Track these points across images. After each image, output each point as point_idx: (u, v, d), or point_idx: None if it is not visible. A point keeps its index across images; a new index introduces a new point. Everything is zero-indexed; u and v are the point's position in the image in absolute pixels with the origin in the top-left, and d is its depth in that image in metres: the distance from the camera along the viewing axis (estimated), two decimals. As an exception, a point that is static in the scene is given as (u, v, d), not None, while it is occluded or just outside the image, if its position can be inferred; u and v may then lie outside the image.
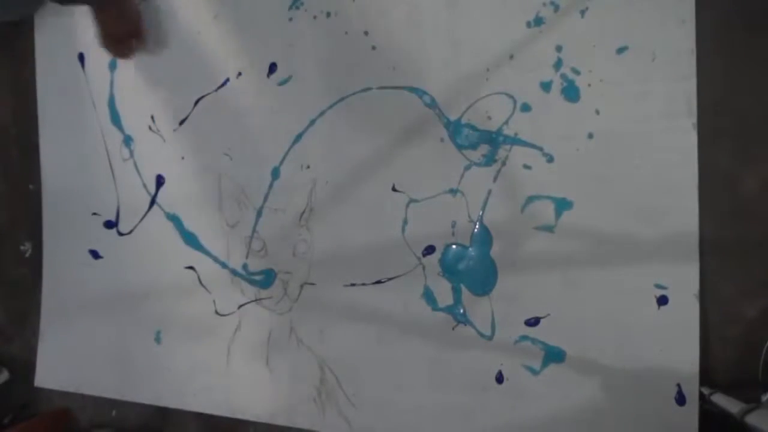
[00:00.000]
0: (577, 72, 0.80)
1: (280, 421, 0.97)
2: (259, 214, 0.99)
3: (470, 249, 0.86)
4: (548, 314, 0.82)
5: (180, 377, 1.04)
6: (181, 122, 1.03)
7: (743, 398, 0.70)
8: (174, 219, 1.04)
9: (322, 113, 0.94)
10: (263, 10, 0.96)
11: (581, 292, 0.80)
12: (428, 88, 0.87)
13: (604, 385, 0.80)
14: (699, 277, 0.76)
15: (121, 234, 1.09)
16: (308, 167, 0.95)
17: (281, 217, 0.97)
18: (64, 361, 1.15)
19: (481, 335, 0.86)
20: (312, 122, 0.94)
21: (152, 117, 1.05)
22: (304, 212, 0.95)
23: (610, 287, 0.79)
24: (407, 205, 0.89)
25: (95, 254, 1.11)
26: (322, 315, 0.94)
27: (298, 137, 0.95)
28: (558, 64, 0.81)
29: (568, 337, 0.81)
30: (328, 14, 0.93)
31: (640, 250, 0.78)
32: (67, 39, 1.11)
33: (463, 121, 0.86)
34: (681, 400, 0.76)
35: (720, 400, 0.71)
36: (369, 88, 0.91)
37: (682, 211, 0.76)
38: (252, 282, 0.99)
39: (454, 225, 0.87)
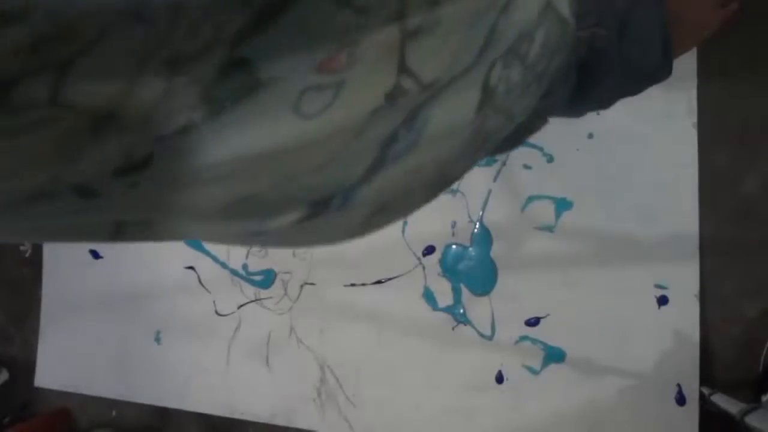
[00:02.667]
0: (577, 72, 0.80)
1: (280, 421, 0.97)
2: (259, 214, 0.98)
3: (470, 249, 0.86)
4: (548, 314, 0.82)
5: (180, 377, 1.04)
6: (181, 122, 1.03)
7: (743, 398, 0.70)
8: (174, 219, 1.04)
9: (322, 113, 0.94)
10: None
11: (581, 292, 0.80)
12: (428, 88, 0.87)
13: (604, 385, 0.80)
14: (699, 277, 0.76)
15: (121, 234, 1.09)
16: (308, 167, 0.95)
17: (281, 217, 0.97)
18: (64, 361, 1.14)
19: (481, 335, 0.86)
20: (312, 122, 0.94)
21: (152, 117, 1.05)
22: (304, 212, 0.95)
23: (610, 287, 0.79)
24: (407, 205, 0.89)
25: (95, 254, 1.11)
26: (322, 315, 0.94)
27: (298, 137, 0.95)
28: (558, 64, 0.80)
29: (568, 337, 0.81)
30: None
31: (640, 250, 0.78)
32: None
33: (463, 121, 0.86)
34: (681, 400, 0.76)
35: (720, 400, 0.71)
36: (369, 88, 0.90)
37: (682, 211, 0.76)
38: (252, 282, 0.99)
39: (454, 225, 0.87)
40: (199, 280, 1.03)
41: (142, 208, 0.18)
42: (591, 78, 0.38)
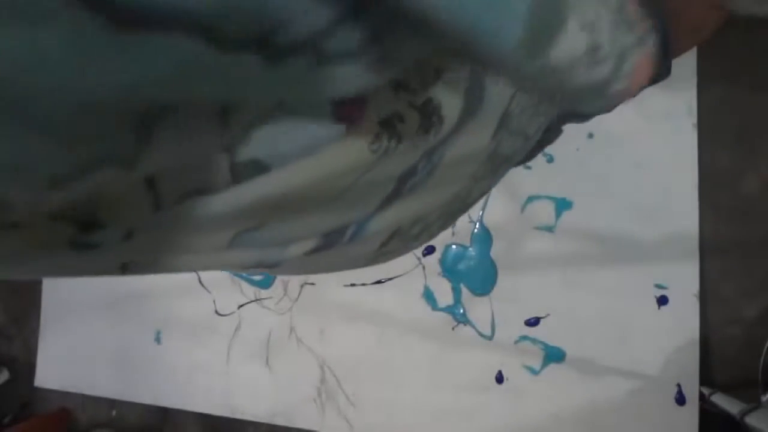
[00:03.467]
0: (577, 72, 0.80)
1: (280, 421, 0.97)
2: (259, 214, 0.98)
3: (470, 249, 0.86)
4: (548, 314, 0.82)
5: (180, 377, 1.04)
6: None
7: (743, 398, 0.70)
8: (174, 219, 1.04)
9: (322, 113, 0.93)
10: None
11: (581, 292, 0.80)
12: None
13: (604, 385, 0.80)
14: (699, 277, 0.76)
15: (121, 234, 1.08)
16: (308, 167, 0.95)
17: (281, 217, 0.97)
18: (64, 361, 1.14)
19: (481, 335, 0.86)
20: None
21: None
22: (304, 212, 0.95)
23: (610, 287, 0.79)
24: (407, 205, 0.89)
25: (95, 254, 1.11)
26: (322, 315, 0.94)
27: (298, 137, 0.95)
28: (558, 64, 0.80)
29: (568, 337, 0.81)
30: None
31: (640, 250, 0.78)
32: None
33: (463, 121, 0.86)
34: (681, 400, 0.76)
35: (720, 400, 0.71)
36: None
37: (682, 211, 0.76)
38: (252, 282, 0.99)
39: (454, 225, 0.87)
40: (199, 280, 1.03)
41: (144, 252, 0.17)
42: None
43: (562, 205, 0.81)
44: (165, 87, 0.12)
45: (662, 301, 0.77)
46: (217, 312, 1.02)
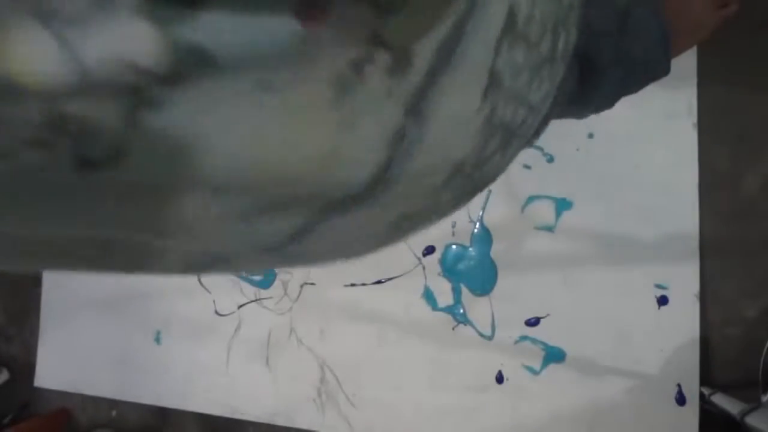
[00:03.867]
0: (577, 72, 0.80)
1: (280, 421, 0.97)
2: (259, 214, 0.98)
3: (470, 249, 0.86)
4: (548, 314, 0.82)
5: (180, 377, 1.04)
6: (181, 122, 1.03)
7: (743, 398, 0.70)
8: (174, 219, 1.04)
9: (322, 113, 0.93)
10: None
11: (581, 292, 0.80)
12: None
13: (604, 385, 0.80)
14: (699, 277, 0.76)
15: (121, 234, 1.08)
16: (308, 167, 0.95)
17: (281, 217, 0.97)
18: (64, 361, 1.14)
19: (481, 335, 0.86)
20: (312, 122, 0.94)
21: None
22: (304, 212, 0.95)
23: (610, 287, 0.79)
24: (407, 205, 0.89)
25: (95, 254, 1.11)
26: (322, 315, 0.94)
27: (298, 137, 0.95)
28: (558, 64, 0.81)
29: (568, 337, 0.81)
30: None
31: (640, 250, 0.78)
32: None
33: (463, 121, 0.86)
34: (681, 400, 0.76)
35: (720, 400, 0.71)
36: (369, 88, 0.90)
37: (682, 211, 0.76)
38: (252, 282, 0.99)
39: (454, 225, 0.87)
40: (199, 280, 1.03)
41: (144, 180, 0.13)
42: (594, 73, 0.37)
43: (562, 205, 0.81)
44: None
45: (662, 301, 0.77)
46: (217, 312, 1.02)
